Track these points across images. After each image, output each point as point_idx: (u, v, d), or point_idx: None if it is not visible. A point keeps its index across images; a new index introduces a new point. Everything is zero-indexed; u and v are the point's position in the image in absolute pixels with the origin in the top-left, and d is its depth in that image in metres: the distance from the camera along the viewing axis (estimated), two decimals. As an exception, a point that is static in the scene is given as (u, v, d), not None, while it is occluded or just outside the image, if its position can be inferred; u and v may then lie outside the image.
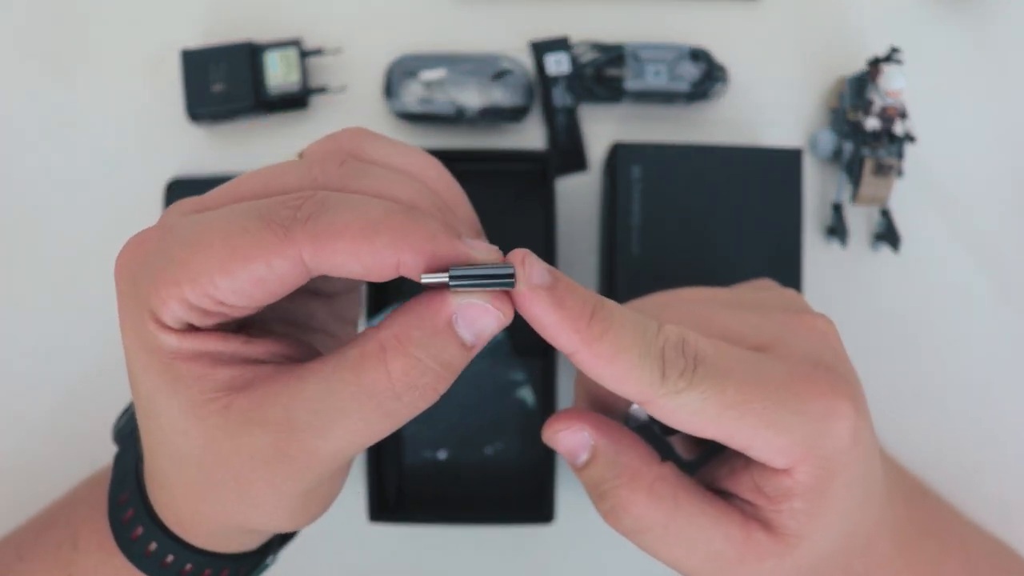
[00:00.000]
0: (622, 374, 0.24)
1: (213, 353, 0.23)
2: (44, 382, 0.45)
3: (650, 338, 0.24)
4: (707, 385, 0.24)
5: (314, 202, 0.22)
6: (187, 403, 0.23)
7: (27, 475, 0.44)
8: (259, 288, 0.22)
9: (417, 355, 0.23)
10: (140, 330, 0.23)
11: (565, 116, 0.46)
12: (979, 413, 0.46)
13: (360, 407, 0.23)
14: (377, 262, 0.21)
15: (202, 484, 0.24)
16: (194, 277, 0.22)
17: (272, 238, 0.21)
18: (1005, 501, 0.44)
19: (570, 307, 0.23)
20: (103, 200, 0.46)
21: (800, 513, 0.26)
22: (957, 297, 0.47)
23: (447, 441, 0.45)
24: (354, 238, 0.21)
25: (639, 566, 0.45)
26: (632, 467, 0.26)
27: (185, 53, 0.45)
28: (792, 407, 0.25)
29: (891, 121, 0.44)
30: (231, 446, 0.23)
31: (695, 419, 0.24)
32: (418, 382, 0.23)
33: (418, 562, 0.45)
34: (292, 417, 0.23)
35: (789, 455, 0.25)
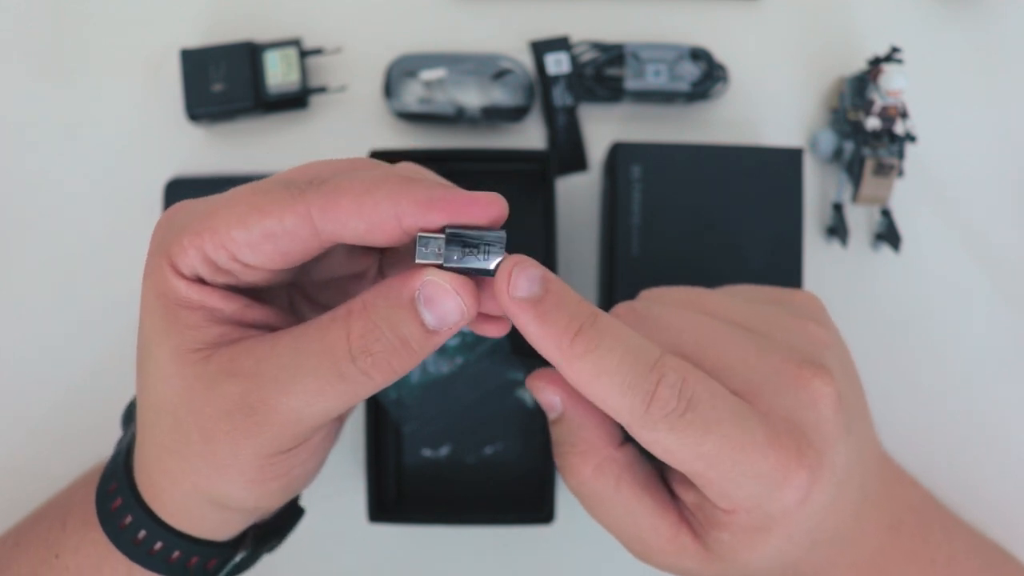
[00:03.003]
0: (601, 396, 0.24)
1: (213, 309, 0.25)
2: (44, 382, 0.45)
3: (642, 370, 0.24)
4: (689, 433, 0.24)
5: (328, 174, 0.24)
6: (176, 348, 0.24)
7: (26, 475, 0.44)
8: (270, 243, 0.23)
9: (376, 321, 0.24)
10: (155, 275, 0.25)
11: (565, 116, 0.46)
12: (979, 413, 0.46)
13: (318, 365, 0.24)
14: (378, 215, 0.23)
15: (173, 436, 0.25)
16: (214, 228, 0.23)
17: (286, 197, 0.23)
18: (1005, 501, 0.44)
19: (553, 323, 0.24)
20: (102, 200, 0.46)
21: (726, 545, 0.27)
22: (957, 297, 0.47)
23: (447, 441, 0.45)
24: (357, 194, 0.23)
25: (639, 566, 0.45)
26: (588, 441, 0.28)
27: (185, 53, 0.45)
28: (756, 469, 0.25)
29: (892, 121, 0.44)
30: (204, 397, 0.24)
31: (667, 456, 0.25)
32: (372, 347, 0.23)
33: (418, 562, 0.45)
34: (260, 370, 0.24)
35: (735, 504, 0.26)
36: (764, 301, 0.32)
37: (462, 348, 0.44)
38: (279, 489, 0.27)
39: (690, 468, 0.25)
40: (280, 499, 0.28)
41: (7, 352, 0.46)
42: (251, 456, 0.25)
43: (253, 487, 0.26)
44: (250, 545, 0.30)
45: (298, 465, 0.27)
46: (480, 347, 0.44)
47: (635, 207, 0.40)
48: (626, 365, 0.24)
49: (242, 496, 0.26)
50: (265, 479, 0.26)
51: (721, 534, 0.27)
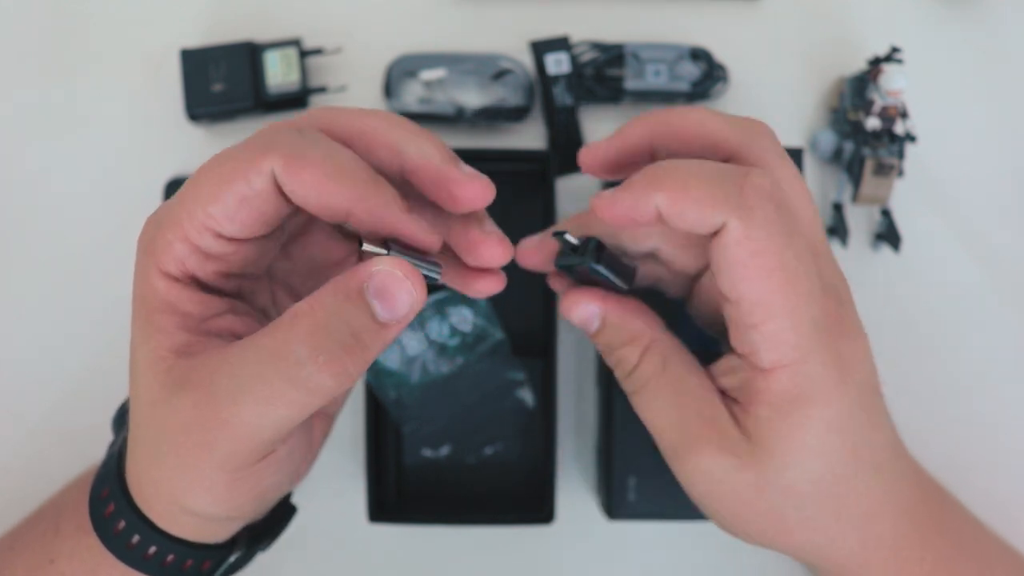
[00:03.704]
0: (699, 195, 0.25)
1: (184, 312, 0.25)
2: (43, 381, 0.45)
3: (722, 167, 0.26)
4: (785, 219, 0.25)
5: (287, 133, 0.24)
6: (149, 354, 0.25)
7: (26, 475, 0.44)
8: (245, 208, 0.23)
9: (325, 318, 0.22)
10: (139, 278, 0.25)
11: (565, 116, 0.46)
12: (980, 413, 0.46)
13: (265, 372, 0.22)
14: (333, 204, 0.23)
15: (151, 446, 0.25)
16: (191, 212, 0.24)
17: (249, 159, 0.23)
18: (1005, 501, 0.44)
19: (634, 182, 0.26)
20: (102, 200, 0.46)
21: (763, 421, 0.26)
22: (957, 297, 0.47)
23: (446, 441, 0.45)
24: (320, 175, 0.23)
25: (639, 566, 0.45)
26: (634, 331, 0.29)
27: (184, 53, 0.45)
28: (820, 313, 0.26)
29: (892, 121, 0.44)
30: (166, 408, 0.24)
31: (760, 257, 0.25)
32: (322, 346, 0.22)
33: (418, 562, 0.45)
34: (213, 382, 0.23)
35: (779, 354, 0.25)
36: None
37: (462, 348, 0.44)
38: (251, 502, 0.27)
39: (774, 280, 0.25)
40: (254, 510, 0.28)
41: (7, 352, 0.46)
42: (214, 471, 0.24)
43: (222, 502, 0.26)
44: (243, 546, 0.30)
45: (267, 478, 0.26)
46: (480, 347, 0.44)
47: (635, 207, 0.40)
48: (706, 164, 0.26)
49: (213, 510, 0.26)
50: (233, 495, 0.25)
51: (760, 409, 0.26)
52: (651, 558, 0.45)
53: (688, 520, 0.39)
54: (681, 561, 0.45)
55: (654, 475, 0.39)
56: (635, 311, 0.30)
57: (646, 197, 0.25)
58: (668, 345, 0.29)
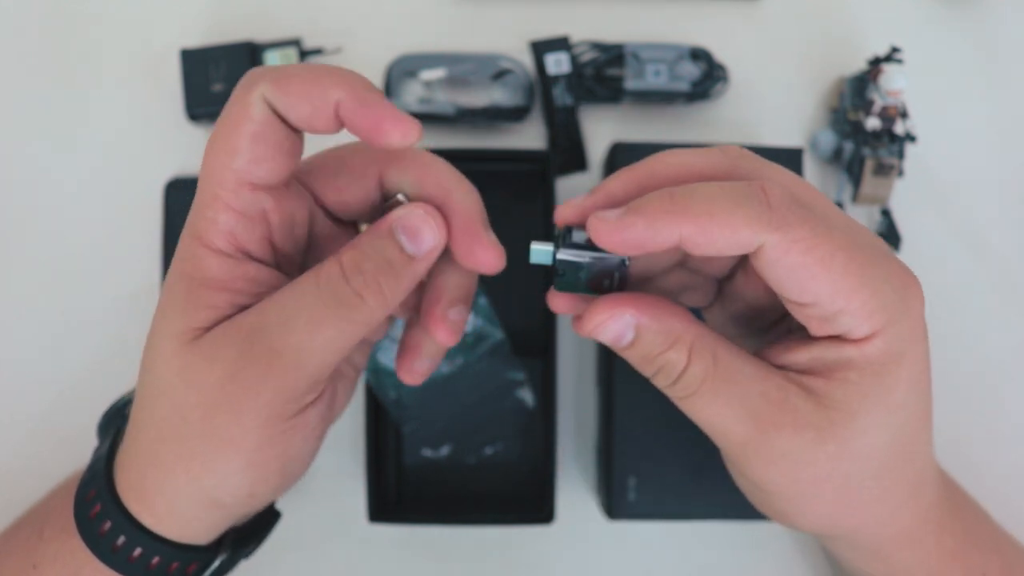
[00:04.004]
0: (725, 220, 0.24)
1: (240, 290, 0.26)
2: (43, 381, 0.45)
3: (741, 186, 0.25)
4: (815, 223, 0.25)
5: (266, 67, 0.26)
6: (182, 328, 0.26)
7: (25, 475, 0.44)
8: (259, 144, 0.25)
9: (363, 249, 0.26)
10: (185, 258, 0.26)
11: (565, 116, 0.46)
12: (979, 412, 0.46)
13: (317, 294, 0.26)
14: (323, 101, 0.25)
15: (171, 421, 0.26)
16: (220, 179, 0.25)
17: (241, 97, 0.25)
18: (1006, 500, 0.44)
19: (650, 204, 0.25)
20: (103, 200, 0.46)
21: (853, 384, 0.26)
22: (957, 297, 0.47)
23: (447, 441, 0.45)
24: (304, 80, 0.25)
25: (639, 566, 0.45)
26: (674, 331, 0.27)
27: (184, 53, 0.45)
28: (884, 270, 0.25)
29: (892, 121, 0.44)
30: (204, 368, 0.25)
31: (805, 259, 0.24)
32: (363, 266, 0.26)
33: (418, 562, 0.45)
34: (263, 321, 0.25)
35: (874, 322, 0.25)
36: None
37: (462, 348, 0.44)
38: (276, 472, 0.27)
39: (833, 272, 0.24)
40: (275, 485, 0.28)
41: (7, 351, 0.46)
42: (254, 422, 0.25)
43: (251, 469, 0.26)
44: (228, 549, 0.30)
45: (296, 443, 0.27)
46: (480, 347, 0.44)
47: (635, 207, 0.40)
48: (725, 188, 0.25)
49: (238, 481, 0.26)
50: (265, 458, 0.26)
51: (849, 374, 0.25)
52: (651, 558, 0.45)
53: (688, 520, 0.39)
54: (681, 561, 0.45)
55: (654, 475, 0.39)
56: (668, 309, 0.27)
57: (667, 227, 0.24)
58: (711, 337, 0.27)
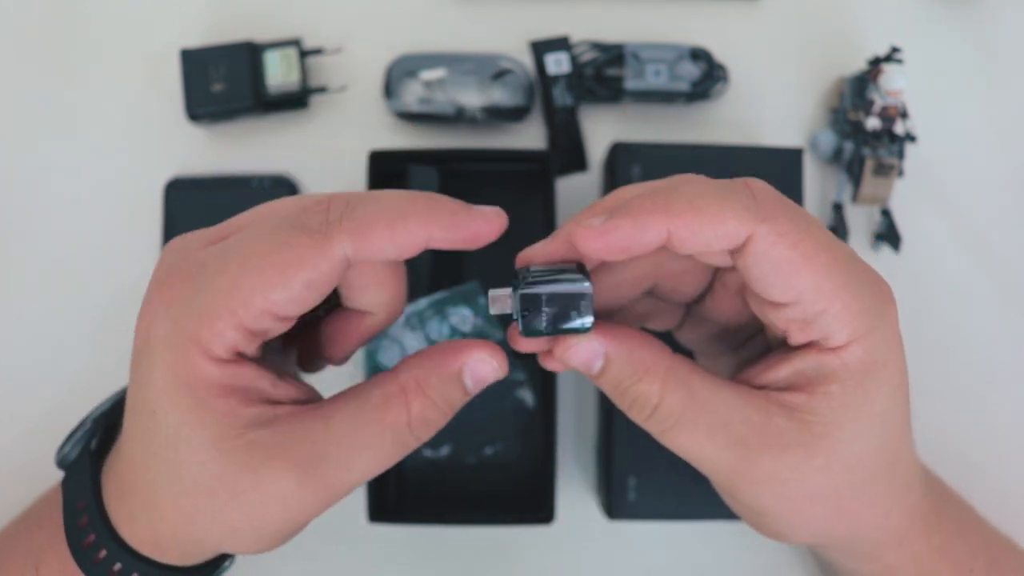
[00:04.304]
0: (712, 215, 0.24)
1: (245, 389, 0.25)
2: (43, 381, 0.45)
3: (724, 183, 0.25)
4: (801, 218, 0.25)
5: (338, 203, 0.25)
6: (215, 435, 0.24)
7: (25, 475, 0.44)
8: (310, 291, 0.24)
9: (433, 397, 0.26)
10: (178, 364, 0.24)
11: (565, 116, 0.46)
12: (979, 412, 0.46)
13: (381, 442, 0.26)
14: (410, 242, 0.24)
15: (204, 511, 0.25)
16: (249, 301, 0.24)
17: (314, 244, 0.24)
18: (1006, 500, 0.44)
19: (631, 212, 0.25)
20: (102, 200, 0.46)
21: (835, 397, 0.25)
22: (957, 297, 0.47)
23: (447, 441, 0.45)
24: (388, 225, 0.24)
25: (639, 566, 0.45)
26: (645, 362, 0.27)
27: (185, 53, 0.45)
28: (859, 276, 0.26)
29: (892, 121, 0.44)
30: (250, 482, 0.25)
31: (791, 254, 0.24)
32: (429, 418, 0.27)
33: (418, 562, 0.45)
34: (317, 453, 0.25)
35: (854, 329, 0.25)
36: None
37: (462, 348, 0.44)
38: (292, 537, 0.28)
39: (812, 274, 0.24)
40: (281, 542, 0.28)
41: (6, 351, 0.46)
42: (302, 523, 0.26)
43: (276, 543, 0.27)
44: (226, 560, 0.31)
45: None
46: (480, 347, 0.44)
47: (635, 207, 0.40)
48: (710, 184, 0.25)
49: (260, 550, 0.27)
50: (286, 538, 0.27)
51: (830, 387, 0.25)
52: (651, 558, 0.45)
53: (688, 520, 0.39)
54: (681, 561, 0.45)
55: (654, 475, 0.39)
56: (639, 339, 0.27)
57: (654, 225, 0.24)
58: (685, 367, 0.27)
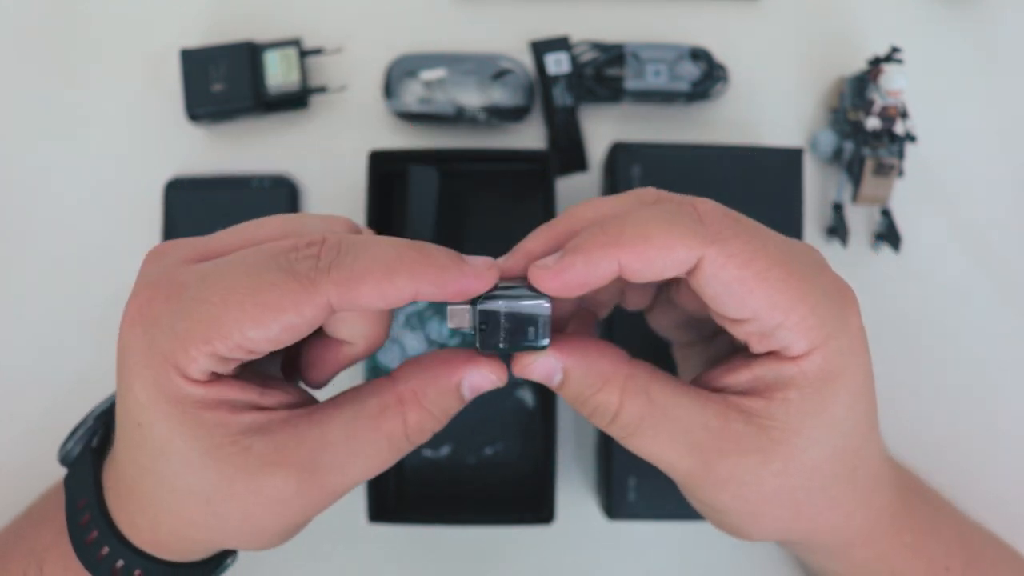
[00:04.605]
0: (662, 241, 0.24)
1: (232, 401, 0.25)
2: (43, 381, 0.45)
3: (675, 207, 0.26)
4: (750, 236, 0.25)
5: (329, 249, 0.24)
6: (209, 446, 0.25)
7: (24, 476, 0.44)
8: (289, 333, 0.24)
9: (429, 408, 0.27)
10: (161, 381, 0.24)
11: (565, 116, 0.46)
12: (979, 413, 0.46)
13: (378, 450, 0.26)
14: (398, 296, 0.24)
15: (203, 516, 0.26)
16: (226, 334, 0.24)
17: (300, 290, 0.24)
18: (1005, 500, 0.44)
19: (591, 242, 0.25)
20: (102, 200, 0.46)
21: (793, 403, 0.26)
22: (957, 297, 0.47)
23: (447, 441, 0.45)
24: (377, 281, 0.24)
25: (639, 567, 0.45)
26: (603, 372, 0.27)
27: (184, 53, 0.45)
28: (821, 287, 0.25)
29: (892, 121, 0.44)
30: (247, 487, 0.25)
31: (743, 273, 0.24)
32: (425, 427, 0.27)
33: (418, 562, 0.45)
34: (315, 459, 0.25)
35: (812, 339, 0.25)
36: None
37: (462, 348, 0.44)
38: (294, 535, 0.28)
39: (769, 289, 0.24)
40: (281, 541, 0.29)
41: (6, 351, 0.46)
42: (299, 526, 0.27)
43: (277, 541, 0.27)
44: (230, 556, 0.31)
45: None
46: (480, 347, 0.44)
47: (635, 207, 0.40)
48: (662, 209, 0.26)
49: (262, 547, 0.27)
50: (288, 536, 0.28)
51: (788, 393, 0.26)
52: (651, 558, 0.45)
53: (688, 520, 0.39)
54: (681, 561, 0.45)
55: (654, 475, 0.39)
56: (597, 350, 0.27)
57: (605, 258, 0.24)
58: (644, 375, 0.27)
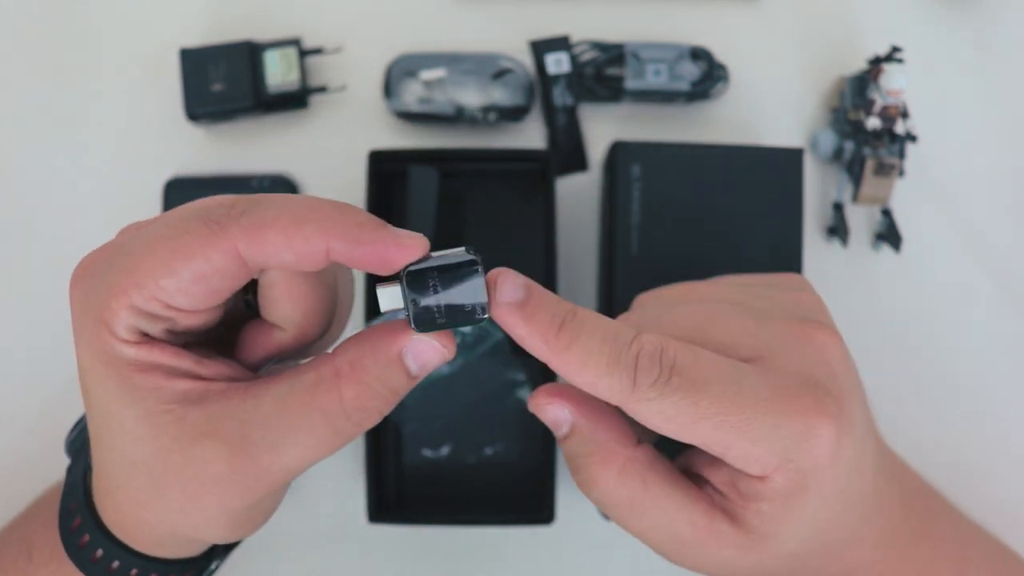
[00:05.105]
0: (592, 381, 0.25)
1: (167, 367, 0.24)
2: (43, 382, 0.45)
3: (621, 347, 0.25)
4: (680, 395, 0.25)
5: (246, 200, 0.24)
6: (143, 411, 0.24)
7: (24, 475, 0.44)
8: (201, 285, 0.23)
9: (369, 382, 0.25)
10: (96, 342, 0.24)
11: (565, 116, 0.46)
12: (979, 413, 0.46)
13: (312, 426, 0.24)
14: (308, 249, 0.23)
15: (149, 493, 0.25)
16: (140, 281, 0.23)
17: (209, 235, 0.23)
18: (1004, 501, 0.44)
19: (539, 320, 0.25)
20: (102, 200, 0.46)
21: (767, 515, 0.27)
22: (958, 297, 0.47)
23: (447, 441, 0.45)
24: (284, 227, 0.23)
25: (639, 567, 0.45)
26: (606, 446, 0.28)
27: (184, 52, 0.45)
28: (770, 421, 0.25)
29: (892, 120, 0.44)
30: (183, 458, 0.24)
31: (669, 425, 0.25)
32: (367, 405, 0.25)
33: (418, 562, 0.45)
34: (246, 433, 0.24)
35: (764, 464, 0.26)
36: (754, 284, 0.32)
37: (462, 348, 0.44)
38: (261, 523, 0.28)
39: (699, 435, 0.25)
40: (259, 527, 0.28)
41: (6, 351, 0.45)
42: (240, 508, 0.25)
43: (237, 529, 0.26)
44: (222, 553, 0.30)
45: (279, 498, 0.28)
46: (480, 347, 0.44)
47: (634, 206, 0.40)
48: (607, 345, 0.25)
49: (225, 537, 0.27)
50: (252, 520, 0.27)
51: (760, 505, 0.26)
52: (651, 558, 0.45)
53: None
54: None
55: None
56: (608, 422, 0.28)
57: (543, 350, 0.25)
58: (645, 460, 0.28)
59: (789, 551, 0.28)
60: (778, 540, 0.27)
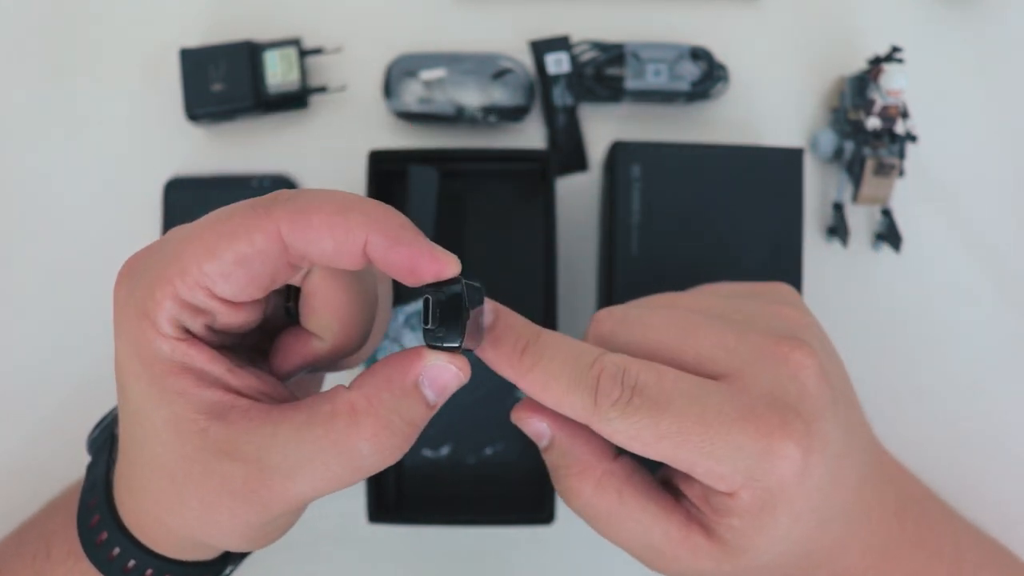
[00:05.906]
0: (556, 400, 0.26)
1: (199, 371, 0.24)
2: (44, 382, 0.45)
3: (583, 368, 0.26)
4: (641, 415, 0.26)
5: (294, 191, 0.24)
6: (171, 416, 0.24)
7: (27, 476, 0.44)
8: (243, 268, 0.23)
9: (386, 416, 0.24)
10: (136, 337, 0.24)
11: (565, 116, 0.46)
12: (979, 413, 0.46)
13: (327, 460, 0.24)
14: (348, 239, 0.23)
15: (170, 497, 0.25)
16: (184, 268, 0.23)
17: (252, 216, 0.23)
18: (1004, 501, 0.44)
19: (504, 343, 0.26)
20: (102, 200, 0.46)
21: (738, 530, 0.27)
22: (957, 297, 0.47)
23: (447, 441, 0.45)
24: (329, 214, 0.23)
25: (638, 567, 0.45)
26: (583, 460, 0.29)
27: (184, 52, 0.45)
28: (733, 441, 0.26)
29: (892, 120, 0.44)
30: (203, 470, 0.24)
31: (633, 444, 0.26)
32: (386, 442, 0.24)
33: (418, 562, 0.45)
34: (263, 457, 0.24)
35: (729, 482, 0.26)
36: (739, 295, 0.33)
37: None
38: (277, 537, 0.28)
39: (662, 453, 0.26)
40: (272, 541, 0.28)
41: (8, 352, 0.46)
42: (254, 525, 0.25)
43: (252, 543, 0.27)
44: (237, 559, 0.31)
45: (297, 516, 0.28)
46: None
47: (634, 206, 0.40)
48: (568, 366, 0.26)
49: (240, 547, 0.27)
50: (267, 535, 0.27)
51: (731, 520, 0.27)
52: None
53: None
54: (681, 561, 0.45)
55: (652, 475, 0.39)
56: (586, 435, 0.29)
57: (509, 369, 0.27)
58: (621, 474, 0.29)
59: (765, 563, 0.28)
60: (753, 553, 0.27)
